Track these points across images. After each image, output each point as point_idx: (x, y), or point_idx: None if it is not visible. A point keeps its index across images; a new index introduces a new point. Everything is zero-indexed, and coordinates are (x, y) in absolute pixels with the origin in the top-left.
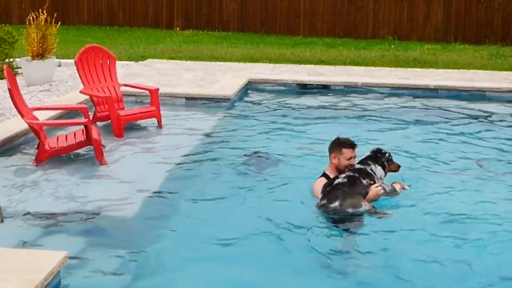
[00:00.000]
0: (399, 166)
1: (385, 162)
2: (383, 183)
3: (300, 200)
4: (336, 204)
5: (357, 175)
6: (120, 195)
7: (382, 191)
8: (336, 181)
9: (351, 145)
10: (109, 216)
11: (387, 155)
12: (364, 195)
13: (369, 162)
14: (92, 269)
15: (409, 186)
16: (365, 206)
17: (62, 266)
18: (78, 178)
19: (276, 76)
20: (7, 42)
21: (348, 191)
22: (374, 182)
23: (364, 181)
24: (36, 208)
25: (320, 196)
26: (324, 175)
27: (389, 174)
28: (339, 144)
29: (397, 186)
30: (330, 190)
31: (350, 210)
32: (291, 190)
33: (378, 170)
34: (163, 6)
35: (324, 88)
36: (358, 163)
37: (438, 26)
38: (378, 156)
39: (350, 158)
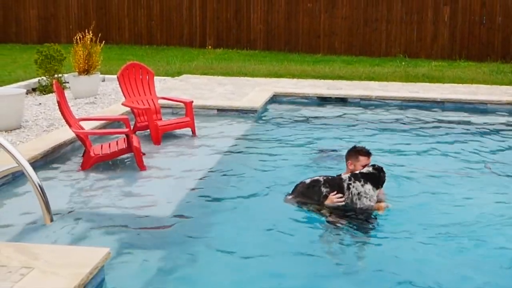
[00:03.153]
0: None
1: (385, 180)
2: (360, 197)
3: None
4: (290, 196)
5: (322, 182)
6: (158, 198)
7: (338, 203)
8: (303, 180)
9: (367, 153)
10: (148, 217)
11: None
12: (318, 200)
13: (362, 179)
14: (132, 264)
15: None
16: (311, 206)
17: (105, 261)
18: (120, 182)
19: (298, 90)
20: (56, 60)
21: (301, 191)
22: (341, 192)
23: (324, 189)
24: (82, 208)
25: None
26: (338, 175)
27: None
28: (356, 152)
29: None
30: (296, 185)
31: (295, 204)
32: None
33: (366, 188)
34: (197, 27)
35: (342, 101)
36: (352, 174)
37: (445, 45)
38: (381, 175)
39: (365, 165)
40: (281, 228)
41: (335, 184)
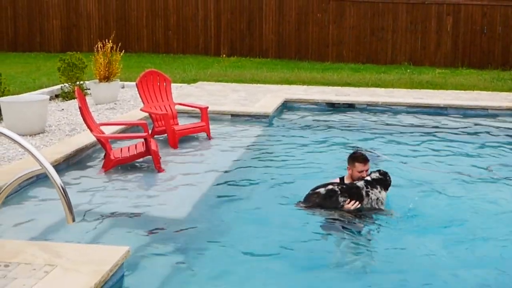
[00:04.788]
0: None
1: (391, 183)
2: (378, 202)
3: None
4: (304, 205)
5: (338, 192)
6: (175, 198)
7: (352, 208)
8: (318, 190)
9: (363, 160)
10: (166, 217)
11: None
12: (335, 207)
13: (378, 186)
14: (150, 262)
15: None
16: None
17: (125, 259)
18: (139, 183)
19: (308, 96)
20: (78, 67)
21: (317, 202)
22: (360, 200)
23: (341, 198)
24: (103, 209)
25: None
26: (341, 178)
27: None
28: (353, 159)
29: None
30: (310, 194)
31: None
32: None
33: (382, 194)
34: (212, 37)
35: (349, 107)
36: (366, 182)
37: (447, 54)
38: (387, 179)
39: (362, 171)
40: (294, 230)
41: (353, 193)
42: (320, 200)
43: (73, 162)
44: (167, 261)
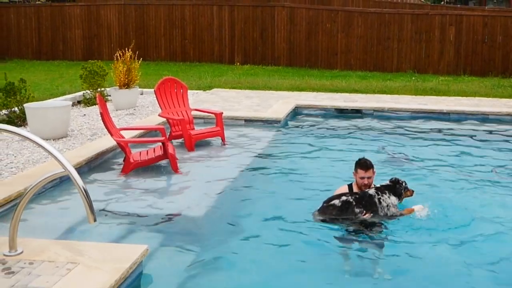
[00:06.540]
0: (413, 192)
1: (402, 191)
2: (389, 208)
3: None
4: (321, 217)
5: (353, 203)
6: (192, 199)
7: (367, 217)
8: (332, 202)
9: (365, 166)
10: (182, 217)
11: (404, 185)
12: (352, 218)
13: (386, 191)
14: (167, 260)
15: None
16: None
17: (143, 257)
18: (157, 185)
19: (318, 102)
20: (99, 75)
21: (334, 214)
22: (373, 210)
23: (357, 209)
24: (122, 209)
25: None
26: (349, 184)
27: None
28: (357, 164)
29: (404, 212)
30: (325, 207)
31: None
32: None
33: (391, 199)
34: (226, 46)
35: (357, 112)
36: (376, 189)
37: (450, 62)
38: (396, 187)
39: (363, 178)
40: (307, 232)
41: (367, 203)
42: (337, 212)
43: (94, 165)
44: (184, 259)
